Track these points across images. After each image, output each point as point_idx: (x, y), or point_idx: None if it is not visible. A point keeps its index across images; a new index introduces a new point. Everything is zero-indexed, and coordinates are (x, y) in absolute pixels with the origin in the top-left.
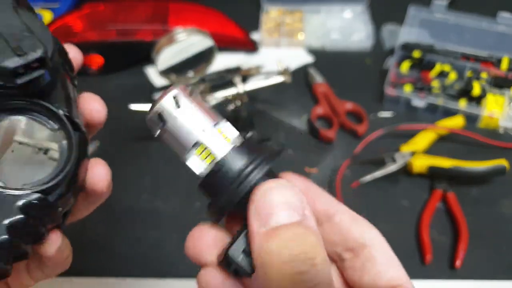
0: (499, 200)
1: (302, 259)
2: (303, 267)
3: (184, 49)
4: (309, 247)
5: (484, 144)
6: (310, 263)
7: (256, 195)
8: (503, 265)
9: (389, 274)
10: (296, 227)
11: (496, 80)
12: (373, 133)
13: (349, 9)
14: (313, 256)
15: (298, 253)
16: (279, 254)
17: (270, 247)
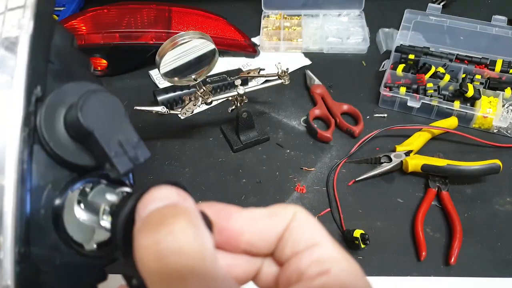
0: (492, 198)
1: (159, 231)
2: (159, 236)
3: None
4: (168, 218)
5: (478, 143)
6: (166, 232)
7: (142, 199)
8: (497, 262)
9: (305, 237)
10: (161, 209)
11: (490, 82)
12: (369, 133)
13: (346, 14)
14: (170, 224)
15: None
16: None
17: (137, 234)
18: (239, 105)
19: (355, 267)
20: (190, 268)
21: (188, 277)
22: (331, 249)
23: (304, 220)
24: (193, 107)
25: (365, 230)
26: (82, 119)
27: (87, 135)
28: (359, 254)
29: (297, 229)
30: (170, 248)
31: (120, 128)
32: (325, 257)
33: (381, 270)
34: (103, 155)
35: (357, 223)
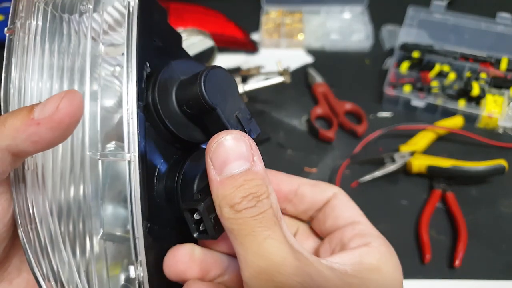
0: (498, 199)
1: (250, 198)
2: (250, 203)
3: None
4: (254, 189)
5: (483, 144)
6: (256, 200)
7: (210, 146)
8: (502, 265)
9: (346, 215)
10: (245, 174)
11: (495, 80)
12: (373, 133)
13: (348, 10)
14: (258, 194)
15: (246, 194)
16: (232, 197)
17: (224, 192)
18: None
19: (389, 244)
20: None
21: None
22: (370, 227)
23: (345, 200)
24: None
25: None
26: (207, 95)
27: (209, 111)
28: None
29: (339, 207)
30: (256, 212)
31: (236, 104)
32: (365, 233)
33: None
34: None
35: None
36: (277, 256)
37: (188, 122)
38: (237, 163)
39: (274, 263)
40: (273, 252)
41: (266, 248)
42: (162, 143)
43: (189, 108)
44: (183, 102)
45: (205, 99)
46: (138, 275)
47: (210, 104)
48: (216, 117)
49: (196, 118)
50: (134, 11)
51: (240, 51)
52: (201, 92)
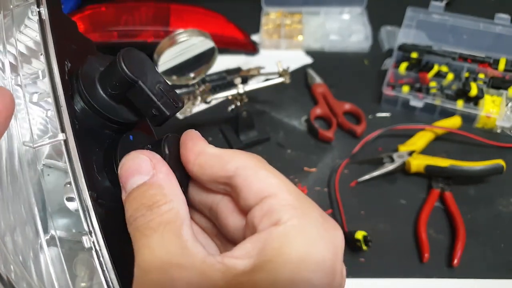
0: (496, 199)
1: (141, 208)
2: (139, 213)
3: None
4: (146, 199)
5: (482, 144)
6: (146, 209)
7: (119, 167)
8: (500, 264)
9: (254, 191)
10: (141, 187)
11: (494, 81)
12: (372, 133)
13: (347, 11)
14: (149, 204)
15: (137, 206)
16: (127, 211)
17: (126, 208)
18: (239, 104)
19: (307, 212)
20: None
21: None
22: (284, 199)
23: (252, 171)
24: (192, 107)
25: (367, 232)
26: (127, 70)
27: (132, 84)
28: (361, 256)
29: (246, 183)
30: (147, 220)
31: (156, 77)
32: (276, 207)
33: (383, 272)
34: (149, 103)
35: (359, 224)
36: (148, 264)
37: (115, 105)
38: (133, 179)
39: (145, 271)
40: (146, 260)
41: (141, 256)
42: (95, 129)
43: (114, 89)
44: (107, 85)
45: (126, 73)
46: (94, 243)
47: (131, 77)
48: (140, 90)
49: (122, 99)
50: (46, 19)
51: (240, 52)
52: (121, 68)
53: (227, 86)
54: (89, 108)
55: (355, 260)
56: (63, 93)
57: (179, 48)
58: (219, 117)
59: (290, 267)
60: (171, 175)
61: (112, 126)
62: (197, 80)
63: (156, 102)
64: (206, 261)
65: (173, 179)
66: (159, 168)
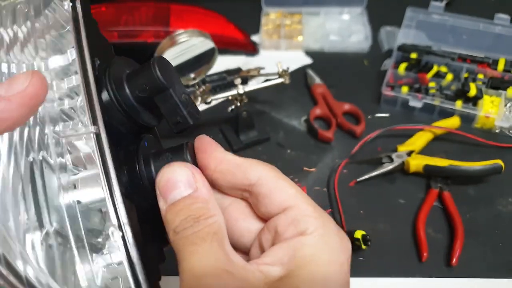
0: (495, 199)
1: (188, 220)
2: (187, 224)
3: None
4: (194, 211)
5: (480, 144)
6: (194, 221)
7: (158, 178)
8: (499, 263)
9: (277, 200)
10: (186, 199)
11: (493, 81)
12: (371, 133)
13: (347, 11)
14: (196, 216)
15: (184, 218)
16: (173, 221)
17: (168, 218)
18: (239, 104)
19: (328, 224)
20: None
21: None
22: (306, 209)
23: (273, 181)
24: None
25: (366, 231)
26: (161, 76)
27: (162, 90)
28: (360, 255)
29: (268, 192)
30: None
31: (181, 88)
32: (300, 218)
33: (382, 271)
34: (176, 110)
35: (358, 224)
36: (200, 269)
37: (138, 107)
38: (178, 191)
39: (197, 276)
40: (197, 266)
41: (192, 263)
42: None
43: (142, 92)
44: (136, 87)
45: (159, 78)
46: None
47: (164, 83)
48: (169, 96)
49: (148, 103)
50: (79, 13)
51: (240, 52)
52: (155, 73)
53: (227, 87)
54: (114, 105)
55: (354, 260)
56: (95, 86)
57: (180, 49)
58: (219, 117)
59: (322, 272)
60: (211, 190)
61: (130, 126)
62: (197, 80)
63: (182, 111)
64: (246, 268)
65: (212, 193)
66: (202, 182)
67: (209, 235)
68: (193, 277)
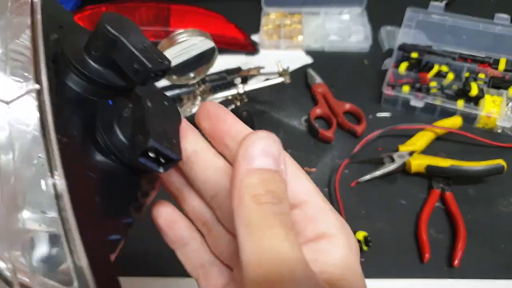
0: (496, 199)
1: (274, 195)
2: (274, 200)
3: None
4: (280, 189)
5: (482, 144)
6: (278, 200)
7: (246, 141)
8: (501, 264)
9: (293, 191)
10: (274, 173)
11: (494, 81)
12: (372, 133)
13: (347, 11)
14: (282, 196)
15: (271, 190)
16: (256, 187)
17: (250, 180)
18: (239, 104)
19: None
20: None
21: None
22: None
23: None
24: (192, 107)
25: (367, 232)
26: (109, 27)
27: (114, 42)
28: (362, 256)
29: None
30: (277, 212)
31: (140, 37)
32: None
33: (384, 272)
34: (131, 57)
35: (360, 224)
36: (290, 260)
37: (102, 69)
38: (269, 160)
39: (285, 265)
40: (286, 254)
41: (280, 247)
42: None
43: (97, 50)
44: (92, 48)
45: (107, 29)
46: (55, 185)
47: (113, 32)
48: (122, 46)
49: (109, 63)
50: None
51: (240, 52)
52: (102, 25)
53: (227, 86)
54: (75, 73)
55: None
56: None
57: (179, 48)
58: None
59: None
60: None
61: (103, 93)
62: (197, 80)
63: (138, 56)
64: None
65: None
66: (285, 165)
67: (291, 224)
68: (278, 267)
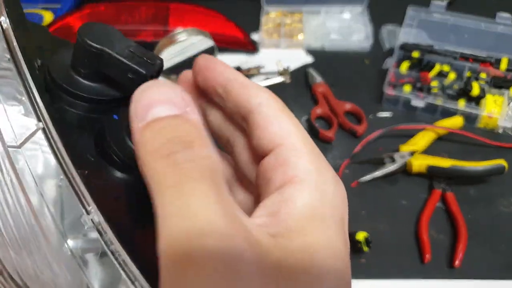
0: (497, 199)
1: (176, 141)
2: (177, 147)
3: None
4: (185, 133)
5: (483, 144)
6: (184, 145)
7: (135, 94)
8: (501, 265)
9: (269, 134)
10: (173, 118)
11: (495, 80)
12: (372, 133)
13: (348, 10)
14: (189, 140)
15: (172, 137)
16: (152, 140)
17: (144, 136)
18: None
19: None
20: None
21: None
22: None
23: (271, 115)
24: None
25: (368, 233)
26: (89, 41)
27: (99, 55)
28: (362, 257)
29: (261, 125)
30: (185, 161)
31: (125, 43)
32: (290, 159)
33: (384, 273)
34: (122, 67)
35: (360, 225)
36: (202, 217)
37: (94, 85)
38: (163, 107)
39: (198, 225)
40: (198, 211)
41: (190, 204)
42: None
43: (85, 68)
44: (79, 66)
45: (88, 44)
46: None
47: (95, 46)
48: (108, 57)
49: (100, 77)
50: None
51: (240, 51)
52: (82, 40)
53: None
54: (69, 95)
55: (356, 261)
56: (33, 84)
57: (179, 47)
58: None
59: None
60: (203, 120)
61: (104, 107)
62: None
63: (128, 64)
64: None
65: (204, 124)
66: (193, 108)
67: (208, 172)
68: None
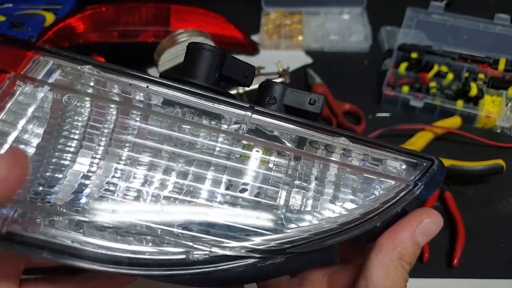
0: (496, 199)
1: (410, 266)
2: (407, 269)
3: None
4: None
5: (481, 143)
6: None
7: (423, 214)
8: (500, 263)
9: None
10: (419, 249)
11: (493, 81)
12: (371, 133)
13: (347, 11)
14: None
15: (411, 262)
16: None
17: (413, 250)
18: None
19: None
20: None
21: None
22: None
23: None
24: None
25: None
26: (215, 47)
27: (223, 58)
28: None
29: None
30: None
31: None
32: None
33: None
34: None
35: None
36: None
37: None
38: (424, 238)
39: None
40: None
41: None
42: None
43: (215, 71)
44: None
45: (216, 49)
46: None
47: (221, 50)
48: (230, 59)
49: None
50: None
51: (240, 52)
52: (209, 49)
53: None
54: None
55: None
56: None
57: (179, 48)
58: None
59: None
60: None
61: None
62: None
63: (245, 63)
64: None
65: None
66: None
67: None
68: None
